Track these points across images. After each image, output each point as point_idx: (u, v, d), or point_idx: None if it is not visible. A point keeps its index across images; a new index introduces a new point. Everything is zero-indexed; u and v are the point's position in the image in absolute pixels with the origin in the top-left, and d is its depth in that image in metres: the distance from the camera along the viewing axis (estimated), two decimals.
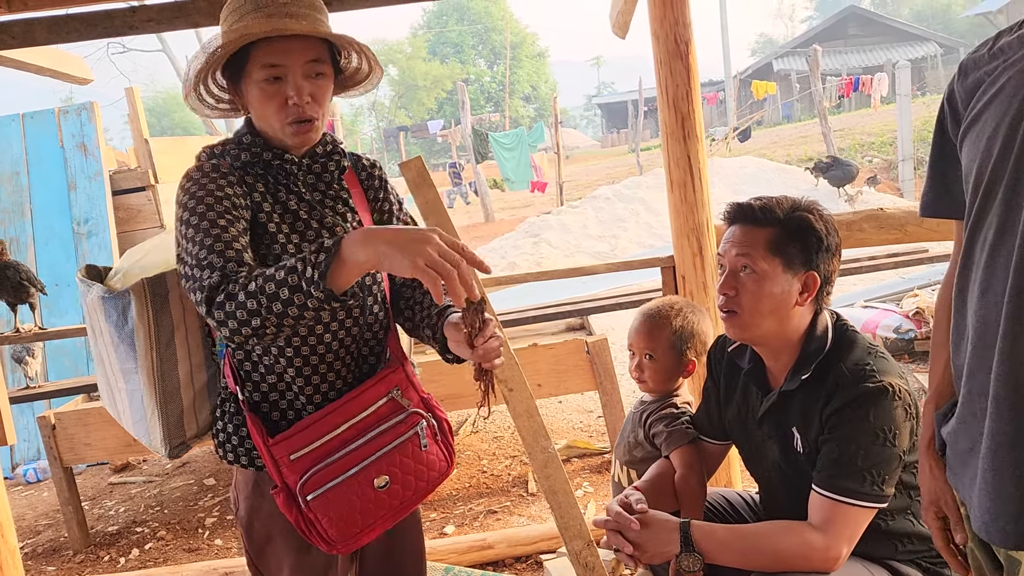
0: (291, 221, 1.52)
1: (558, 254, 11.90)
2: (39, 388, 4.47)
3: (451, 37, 45.71)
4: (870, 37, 32.39)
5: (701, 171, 2.90)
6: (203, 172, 1.48)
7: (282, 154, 1.53)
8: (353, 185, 1.66)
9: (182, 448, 1.64)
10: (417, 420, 1.60)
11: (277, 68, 1.45)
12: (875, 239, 3.01)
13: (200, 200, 1.43)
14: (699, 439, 1.97)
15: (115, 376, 1.63)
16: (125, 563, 3.70)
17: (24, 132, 6.21)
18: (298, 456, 1.48)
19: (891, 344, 5.09)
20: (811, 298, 1.65)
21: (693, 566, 1.57)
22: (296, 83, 1.46)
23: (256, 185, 1.51)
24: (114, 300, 1.56)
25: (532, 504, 3.77)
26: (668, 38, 2.79)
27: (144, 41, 27.86)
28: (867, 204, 11.80)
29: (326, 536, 1.49)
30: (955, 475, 1.27)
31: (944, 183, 1.32)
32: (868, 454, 1.54)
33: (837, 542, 1.55)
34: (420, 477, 1.59)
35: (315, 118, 1.50)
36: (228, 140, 1.55)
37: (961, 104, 1.24)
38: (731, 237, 1.68)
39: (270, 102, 1.47)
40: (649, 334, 2.07)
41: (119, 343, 1.57)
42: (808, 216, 1.64)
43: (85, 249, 5.96)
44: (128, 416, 1.64)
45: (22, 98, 18.19)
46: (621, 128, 37.96)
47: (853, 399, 1.56)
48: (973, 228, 1.18)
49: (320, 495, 1.48)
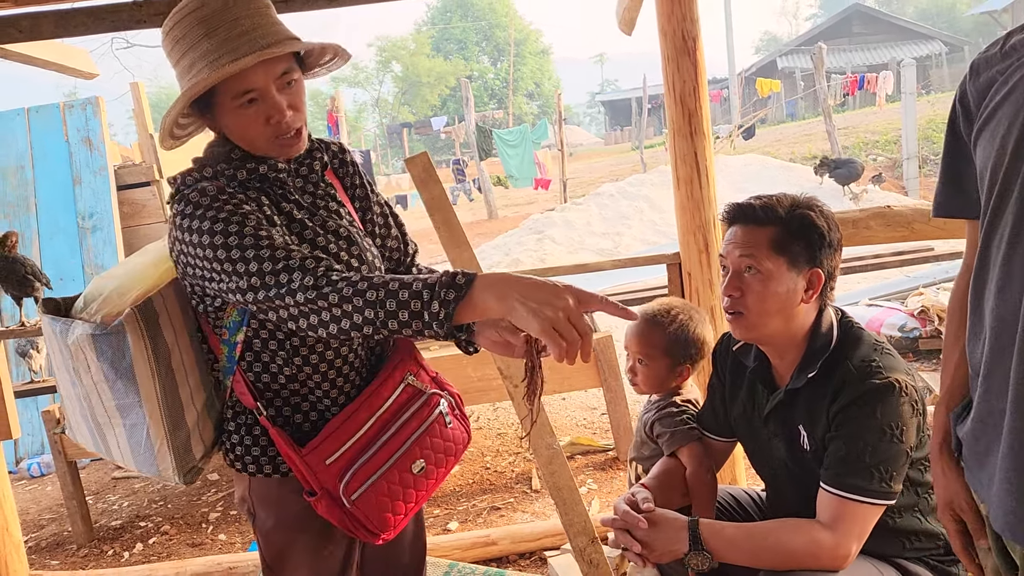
0: (299, 230, 1.48)
1: (562, 251, 11.89)
2: (43, 382, 4.48)
3: (455, 33, 45.70)
4: (875, 35, 32.34)
5: (708, 168, 2.89)
6: (206, 193, 1.40)
7: (276, 164, 1.48)
8: (334, 179, 1.63)
9: (194, 472, 1.57)
10: (437, 401, 1.63)
11: (250, 93, 1.40)
12: (882, 236, 3.00)
13: (229, 217, 1.36)
14: (704, 436, 1.96)
15: (107, 415, 1.53)
16: (129, 557, 3.71)
17: (29, 126, 6.22)
18: (333, 460, 1.47)
19: (895, 343, 5.07)
20: (816, 295, 1.65)
21: (702, 565, 1.57)
22: (273, 101, 1.41)
23: (261, 199, 1.46)
24: (106, 336, 1.46)
25: (536, 501, 3.77)
26: (676, 34, 2.78)
27: (149, 36, 27.82)
28: (872, 202, 11.77)
29: (374, 529, 1.50)
30: (973, 476, 1.27)
31: (958, 183, 1.32)
32: (875, 451, 1.54)
33: (846, 540, 1.54)
34: (449, 453, 1.64)
35: (300, 127, 1.46)
36: (207, 161, 1.47)
37: (974, 103, 1.24)
38: (733, 238, 1.67)
39: (252, 125, 1.42)
40: (644, 338, 2.05)
41: (115, 379, 1.48)
42: (810, 213, 1.63)
43: (90, 244, 5.97)
44: (128, 453, 1.55)
45: (27, 92, 18.18)
46: (625, 125, 37.95)
47: (860, 396, 1.56)
48: (989, 227, 1.17)
49: (363, 493, 1.48)
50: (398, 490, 1.53)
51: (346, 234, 1.53)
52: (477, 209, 19.28)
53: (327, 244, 1.50)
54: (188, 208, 1.40)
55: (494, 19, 45.54)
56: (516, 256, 11.87)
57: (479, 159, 17.90)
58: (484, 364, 3.55)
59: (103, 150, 6.11)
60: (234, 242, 1.35)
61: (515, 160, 18.16)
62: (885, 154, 17.14)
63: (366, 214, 1.67)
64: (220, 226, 1.36)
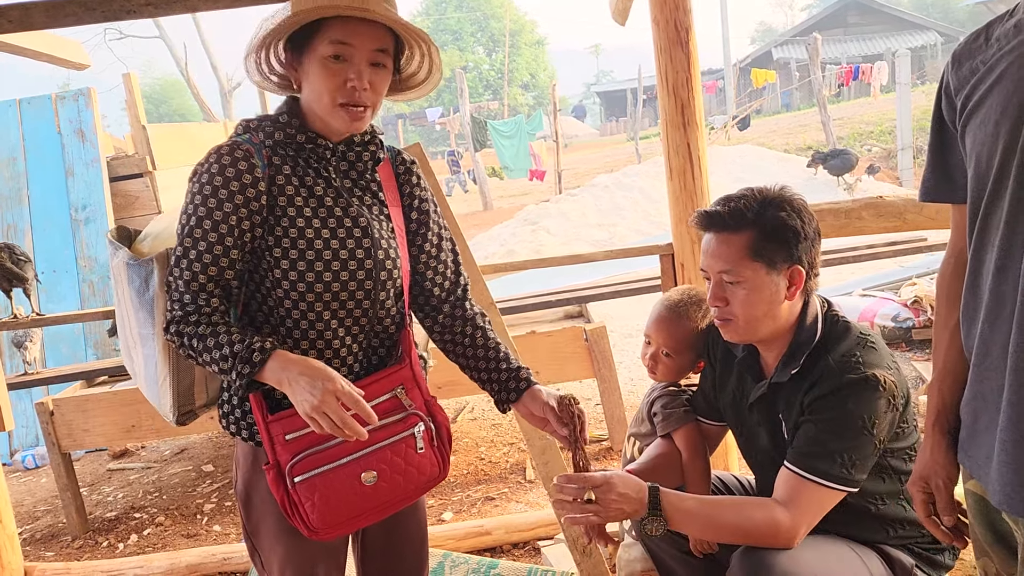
0: (315, 206, 1.51)
1: (557, 242, 11.90)
2: (37, 374, 4.48)
3: (450, 24, 45.52)
4: (870, 25, 32.31)
5: (701, 159, 2.89)
6: (220, 159, 1.46)
7: (315, 138, 1.52)
8: (388, 179, 1.64)
9: (190, 416, 1.66)
10: (415, 422, 1.58)
11: (345, 47, 1.45)
12: (874, 227, 3.00)
13: (204, 200, 1.45)
14: (698, 420, 1.97)
15: (134, 339, 1.66)
16: (123, 548, 3.71)
17: (21, 118, 6.18)
18: (293, 437, 1.49)
19: (889, 333, 5.09)
20: (799, 290, 1.65)
21: (656, 530, 1.57)
22: (359, 67, 1.46)
23: (283, 167, 1.51)
24: (138, 267, 1.59)
25: (530, 491, 3.78)
26: (668, 24, 2.77)
27: (142, 28, 27.69)
28: (866, 192, 11.79)
29: (307, 520, 1.49)
30: (968, 455, 1.29)
31: (944, 169, 1.35)
32: (842, 438, 1.55)
33: (799, 518, 1.56)
34: (409, 479, 1.57)
35: (368, 106, 1.49)
36: (266, 116, 1.55)
37: (955, 92, 1.27)
38: (709, 248, 1.66)
39: (331, 79, 1.46)
40: (672, 332, 1.99)
41: (139, 308, 1.60)
42: (780, 214, 1.61)
43: (83, 236, 5.95)
44: (143, 378, 1.68)
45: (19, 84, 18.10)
46: (620, 117, 37.89)
47: (835, 388, 1.57)
48: (987, 209, 1.20)
49: (307, 479, 1.48)
50: (342, 493, 1.50)
51: (365, 224, 1.53)
52: (472, 200, 19.27)
53: (336, 227, 1.51)
54: (205, 158, 1.48)
55: (489, 10, 45.36)
56: (511, 247, 11.88)
57: (474, 150, 17.89)
58: None
59: (96, 141, 6.08)
60: (192, 222, 1.46)
61: (510, 151, 18.15)
62: (880, 145, 17.17)
63: (420, 228, 1.68)
64: (197, 201, 1.46)
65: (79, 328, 5.75)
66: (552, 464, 2.52)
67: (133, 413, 3.85)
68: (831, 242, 4.41)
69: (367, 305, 1.56)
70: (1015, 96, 1.14)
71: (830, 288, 6.22)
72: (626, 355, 5.80)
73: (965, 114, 1.23)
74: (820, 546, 1.62)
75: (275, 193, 1.49)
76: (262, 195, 1.47)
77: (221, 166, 1.45)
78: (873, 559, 1.67)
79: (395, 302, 1.62)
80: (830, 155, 12.79)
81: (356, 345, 1.58)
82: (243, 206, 1.45)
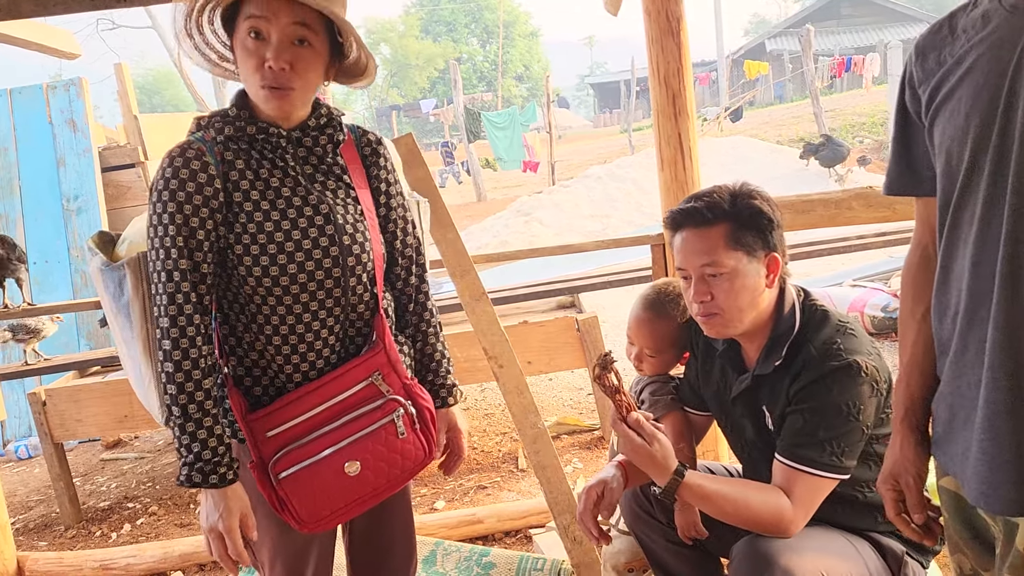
0: (272, 198, 1.47)
1: (550, 233, 11.91)
2: (27, 365, 4.46)
3: (444, 15, 45.36)
4: (863, 17, 32.33)
5: (692, 149, 2.89)
6: (173, 162, 1.44)
7: (267, 128, 1.48)
8: (352, 160, 1.60)
9: None
10: (394, 407, 1.56)
11: (259, 21, 1.38)
12: (864, 217, 3.01)
13: (165, 207, 1.43)
14: (684, 410, 1.98)
15: (122, 342, 1.67)
16: (117, 538, 3.72)
17: (12, 108, 6.15)
18: (274, 433, 1.49)
19: (878, 323, 5.12)
20: (776, 277, 1.67)
21: (668, 498, 1.61)
22: (275, 45, 1.39)
23: (235, 162, 1.47)
24: (111, 272, 1.58)
25: (522, 480, 3.80)
26: (660, 15, 2.77)
27: (134, 18, 27.58)
28: (857, 184, 11.81)
29: (296, 515, 1.50)
30: (943, 452, 1.28)
31: (908, 162, 1.33)
32: (830, 426, 1.56)
33: (798, 508, 1.57)
34: (394, 465, 1.56)
35: (291, 88, 1.43)
36: (216, 112, 1.51)
37: (919, 84, 1.25)
38: (685, 245, 1.66)
39: (248, 60, 1.41)
40: (652, 332, 1.99)
41: (117, 313, 1.60)
42: (754, 201, 1.64)
43: (75, 226, 5.93)
44: (135, 381, 1.70)
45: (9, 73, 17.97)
46: (614, 108, 37.85)
47: (819, 376, 1.59)
48: (958, 204, 1.18)
49: (291, 474, 1.48)
50: (327, 484, 1.50)
51: (327, 211, 1.51)
52: (465, 192, 19.24)
53: (297, 217, 1.48)
54: (160, 166, 1.46)
55: (483, 1, 45.22)
56: (504, 238, 11.88)
57: (468, 141, 17.85)
58: (471, 345, 3.57)
59: (87, 131, 6.05)
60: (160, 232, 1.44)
61: (504, 142, 18.13)
62: (872, 136, 17.20)
63: (389, 212, 1.66)
64: (159, 210, 1.44)
65: (71, 318, 5.74)
66: (543, 453, 2.53)
67: (126, 403, 3.85)
68: (821, 232, 4.44)
69: (338, 294, 1.53)
70: (985, 89, 1.12)
71: (821, 278, 6.25)
72: (617, 345, 5.79)
73: (933, 108, 1.21)
74: (818, 537, 1.63)
75: (230, 189, 1.46)
76: (219, 192, 1.45)
77: (175, 169, 1.43)
78: (866, 548, 1.68)
79: (368, 287, 1.59)
80: (821, 145, 12.81)
81: (331, 336, 1.55)
82: (203, 206, 1.43)
